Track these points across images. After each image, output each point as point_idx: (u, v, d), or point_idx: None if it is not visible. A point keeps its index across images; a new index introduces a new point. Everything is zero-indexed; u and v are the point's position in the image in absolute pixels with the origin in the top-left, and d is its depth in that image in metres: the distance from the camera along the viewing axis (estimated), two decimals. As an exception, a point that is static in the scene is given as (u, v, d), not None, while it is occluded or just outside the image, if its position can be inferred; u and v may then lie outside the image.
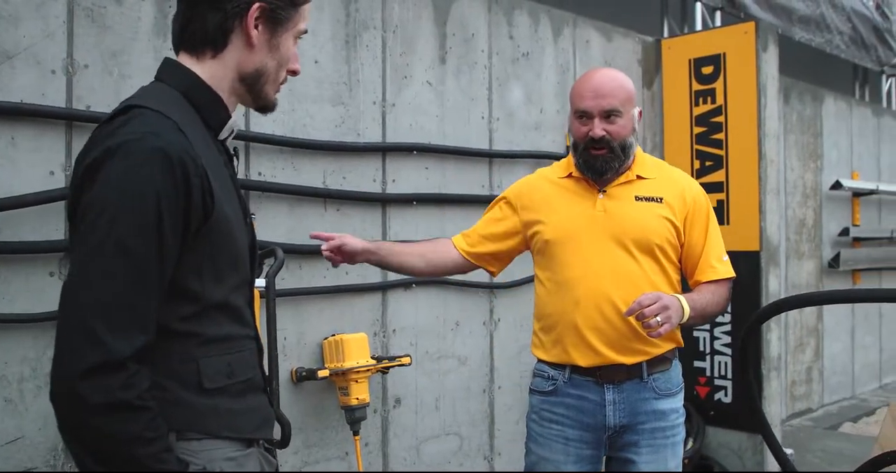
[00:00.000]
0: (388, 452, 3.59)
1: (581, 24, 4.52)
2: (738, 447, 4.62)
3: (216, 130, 1.45)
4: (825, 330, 6.49)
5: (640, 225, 2.25)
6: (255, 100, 1.49)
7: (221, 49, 1.41)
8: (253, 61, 1.43)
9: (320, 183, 3.34)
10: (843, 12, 7.14)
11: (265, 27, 1.42)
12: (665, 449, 2.27)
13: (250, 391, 1.43)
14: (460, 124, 3.86)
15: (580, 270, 2.25)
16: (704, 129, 4.74)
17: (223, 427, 1.35)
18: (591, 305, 2.23)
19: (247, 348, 1.44)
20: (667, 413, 2.28)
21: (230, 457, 1.35)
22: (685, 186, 2.36)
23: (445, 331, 3.79)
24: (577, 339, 2.24)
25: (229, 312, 1.40)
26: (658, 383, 2.27)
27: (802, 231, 6.23)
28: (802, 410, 6.29)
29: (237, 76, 1.43)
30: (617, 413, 2.24)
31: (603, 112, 2.25)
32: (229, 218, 1.37)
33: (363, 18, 3.49)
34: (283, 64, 1.47)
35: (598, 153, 2.25)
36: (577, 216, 2.29)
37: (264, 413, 1.47)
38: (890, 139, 7.50)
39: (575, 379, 2.27)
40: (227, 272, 1.38)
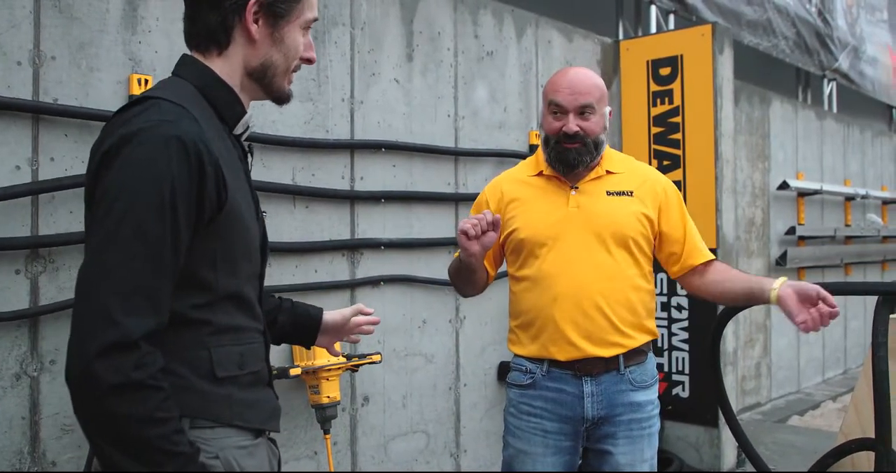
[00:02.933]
0: (357, 450, 3.57)
1: (543, 25, 4.57)
2: (696, 440, 4.73)
3: (231, 125, 1.46)
4: (772, 326, 6.67)
5: (614, 219, 2.29)
6: (267, 93, 1.51)
7: (226, 47, 1.43)
8: (257, 56, 1.44)
9: (289, 179, 3.31)
10: (787, 18, 7.35)
11: (266, 21, 1.43)
12: (642, 440, 2.32)
13: (259, 383, 1.45)
14: (427, 122, 3.86)
15: (557, 266, 2.28)
16: (662, 130, 4.83)
17: (235, 417, 1.36)
18: (569, 300, 2.25)
19: (256, 341, 1.45)
20: (643, 405, 2.32)
21: (242, 446, 1.36)
22: (654, 178, 2.41)
23: (412, 329, 3.79)
24: (556, 334, 2.27)
25: (241, 303, 1.41)
26: (634, 375, 2.31)
27: (752, 230, 6.39)
28: (752, 404, 6.45)
29: (244, 72, 1.45)
30: (595, 406, 2.28)
31: (578, 107, 2.28)
32: (242, 210, 1.38)
33: (332, 15, 3.47)
34: (291, 55, 1.48)
35: (571, 146, 2.28)
36: (551, 213, 2.32)
37: (272, 405, 1.48)
38: (832, 141, 7.75)
39: (553, 372, 2.30)
40: (240, 263, 1.39)
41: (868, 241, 8.13)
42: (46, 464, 2.56)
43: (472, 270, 2.32)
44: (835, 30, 8.20)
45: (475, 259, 2.20)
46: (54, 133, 2.61)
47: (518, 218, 2.35)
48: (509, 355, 2.46)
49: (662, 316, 4.83)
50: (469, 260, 2.22)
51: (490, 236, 2.14)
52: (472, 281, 2.39)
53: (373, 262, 3.61)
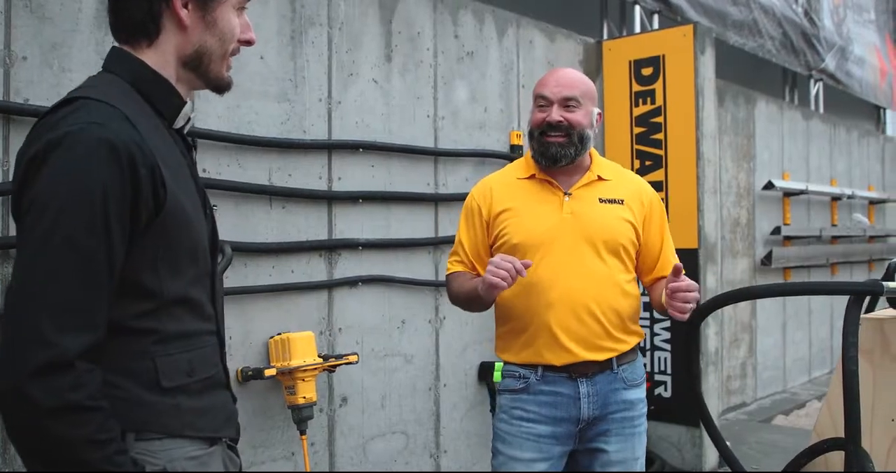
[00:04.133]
0: (335, 451, 3.56)
1: (525, 25, 4.57)
2: (678, 440, 4.73)
3: (170, 119, 1.40)
4: (758, 326, 6.68)
5: (607, 227, 2.31)
6: (206, 82, 1.44)
7: (155, 36, 1.36)
8: (191, 42, 1.38)
9: (266, 180, 3.30)
10: (774, 18, 7.36)
11: (195, 5, 1.37)
12: (633, 438, 2.35)
13: (212, 388, 1.40)
14: (406, 122, 3.86)
15: (551, 272, 2.27)
16: (644, 130, 4.83)
17: (185, 427, 1.32)
18: (564, 307, 2.26)
19: (208, 344, 1.41)
20: (635, 403, 2.35)
21: (192, 456, 1.32)
22: (642, 189, 2.44)
23: (391, 329, 3.79)
24: (551, 340, 2.27)
25: (189, 307, 1.36)
26: (626, 373, 2.34)
27: (737, 230, 6.40)
28: (738, 404, 6.46)
29: (178, 61, 1.39)
30: (591, 405, 2.28)
31: (562, 99, 2.30)
32: (185, 208, 1.33)
33: (309, 14, 3.46)
34: (227, 38, 1.41)
35: (554, 139, 2.28)
36: (545, 219, 2.31)
37: (228, 410, 1.45)
38: (818, 141, 7.76)
39: (548, 375, 2.30)
40: (185, 265, 1.34)
41: (854, 241, 8.16)
42: (18, 465, 2.55)
43: (490, 301, 2.29)
44: (821, 30, 8.22)
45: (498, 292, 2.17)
46: (25, 134, 2.58)
47: (511, 222, 2.34)
48: (490, 355, 2.47)
49: (644, 316, 4.83)
50: (491, 297, 2.21)
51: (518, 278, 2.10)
52: (486, 305, 2.36)
53: (351, 263, 3.61)
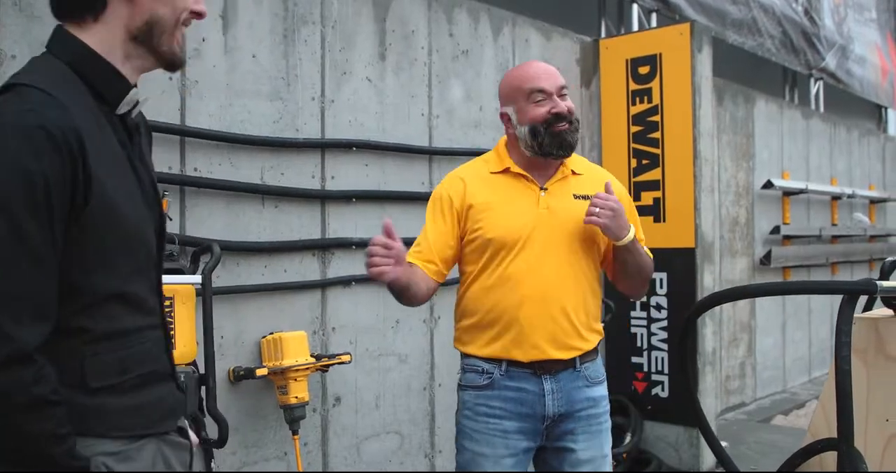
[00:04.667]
0: (328, 451, 3.55)
1: (521, 24, 4.55)
2: (675, 440, 4.71)
3: (113, 104, 1.33)
4: (757, 325, 6.66)
5: (581, 223, 2.27)
6: (158, 58, 1.37)
7: (102, 9, 1.30)
8: (141, 12, 1.31)
9: (258, 179, 3.29)
10: (773, 17, 7.34)
11: None
12: (600, 435, 2.33)
13: (151, 383, 1.37)
14: (400, 121, 3.85)
15: (526, 268, 2.25)
16: (641, 128, 4.81)
17: (109, 429, 1.29)
18: (537, 303, 2.24)
19: (148, 339, 1.37)
20: (598, 400, 2.33)
21: (112, 452, 1.29)
22: (611, 183, 2.39)
23: (385, 329, 3.77)
24: (520, 336, 2.25)
25: (126, 302, 1.32)
26: (588, 372, 2.32)
27: (736, 229, 6.38)
28: (737, 404, 6.44)
29: (127, 36, 1.32)
30: (556, 403, 2.26)
31: (559, 88, 2.28)
32: (115, 200, 1.28)
33: (302, 13, 3.45)
34: (179, 6, 1.35)
35: (564, 128, 2.25)
36: (521, 214, 2.28)
37: (169, 403, 1.41)
38: (818, 140, 7.74)
39: (512, 371, 2.27)
40: (119, 258, 1.30)
41: (855, 240, 8.13)
42: None
43: (405, 289, 2.18)
44: (822, 29, 8.20)
45: (398, 280, 2.08)
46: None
47: (486, 217, 2.29)
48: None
49: (641, 315, 4.82)
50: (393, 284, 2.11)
51: (397, 248, 2.02)
52: (412, 294, 2.23)
53: (344, 262, 3.59)
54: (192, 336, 2.59)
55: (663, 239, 4.72)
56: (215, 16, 3.16)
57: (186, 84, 3.07)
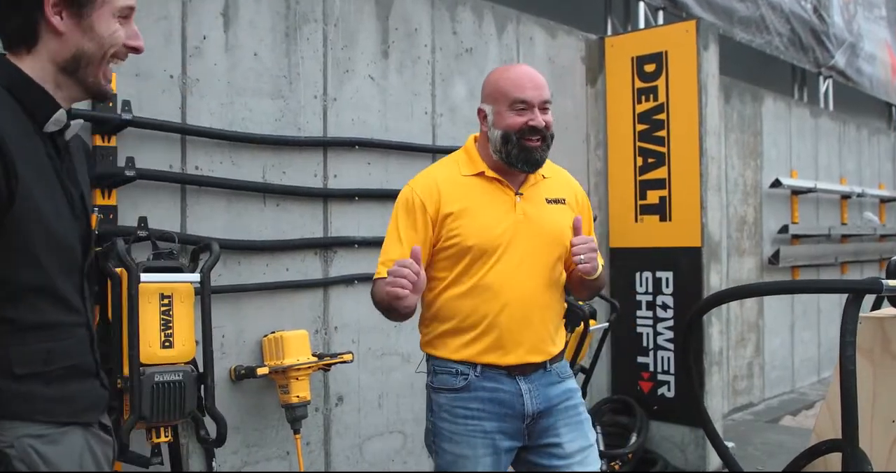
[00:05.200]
0: (331, 450, 3.54)
1: (525, 21, 4.53)
2: (681, 441, 4.68)
3: (41, 123, 1.44)
4: (765, 325, 6.61)
5: (556, 229, 2.28)
6: (84, 87, 1.48)
7: (34, 44, 1.43)
8: (67, 48, 1.43)
9: (259, 177, 3.28)
10: (782, 14, 7.29)
11: (69, 12, 1.42)
12: (582, 426, 2.33)
13: (75, 377, 1.46)
14: (403, 119, 3.83)
15: (506, 275, 2.22)
16: (647, 127, 4.78)
17: (36, 412, 1.39)
18: (517, 309, 2.22)
19: (73, 336, 1.46)
20: (573, 392, 2.35)
21: (40, 434, 1.38)
22: (575, 187, 2.44)
23: (388, 328, 3.76)
24: (498, 341, 2.22)
25: (52, 299, 1.42)
26: (558, 369, 2.34)
27: (743, 228, 6.34)
28: (744, 404, 6.40)
29: (56, 67, 1.44)
30: (534, 400, 2.25)
31: (542, 102, 2.24)
32: (39, 207, 1.38)
33: (304, 11, 3.44)
34: (106, 43, 1.45)
35: (535, 144, 2.22)
36: (499, 220, 2.24)
37: (92, 397, 1.49)
38: (827, 139, 7.68)
39: (487, 372, 2.24)
40: (45, 257, 1.40)
41: (865, 240, 8.07)
42: None
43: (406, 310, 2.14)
44: (831, 26, 8.14)
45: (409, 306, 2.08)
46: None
47: (463, 223, 2.24)
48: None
49: (647, 315, 4.79)
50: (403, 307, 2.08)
51: (423, 277, 2.01)
52: (406, 315, 2.20)
53: (347, 261, 3.58)
54: (191, 334, 2.58)
55: (669, 238, 4.70)
56: (216, 14, 3.15)
57: (187, 82, 3.07)
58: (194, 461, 3.06)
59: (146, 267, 2.50)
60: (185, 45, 3.07)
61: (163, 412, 2.43)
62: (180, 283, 2.57)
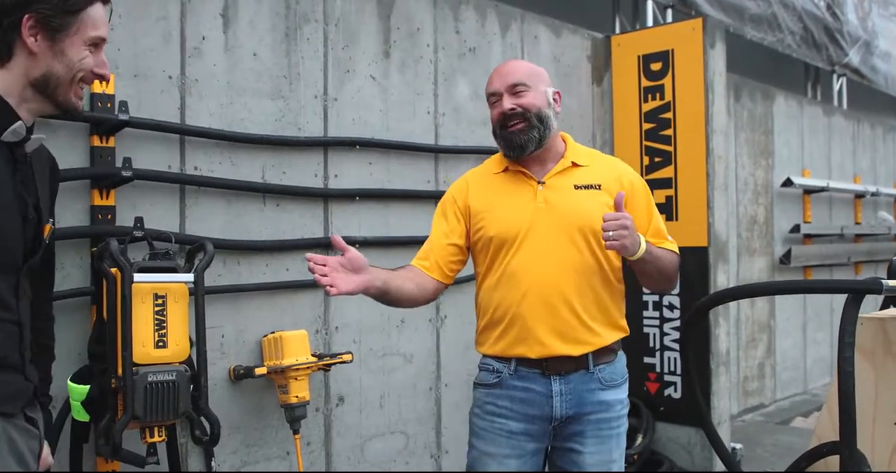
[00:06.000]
0: (332, 451, 3.54)
1: (529, 20, 4.50)
2: (688, 442, 4.64)
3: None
4: (777, 326, 6.55)
5: (582, 213, 2.24)
6: (53, 104, 1.60)
7: (7, 60, 1.55)
8: (39, 67, 1.56)
9: (259, 177, 3.28)
10: (794, 12, 7.22)
11: (44, 35, 1.55)
12: (610, 440, 2.27)
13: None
14: (405, 119, 3.82)
15: (526, 263, 2.23)
16: (653, 126, 4.75)
17: None
18: (537, 297, 2.21)
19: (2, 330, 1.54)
20: (612, 404, 2.27)
21: None
22: (622, 171, 2.35)
23: (390, 329, 3.75)
24: (525, 332, 2.22)
25: None
26: (604, 374, 2.26)
27: (754, 228, 6.28)
28: (755, 405, 6.34)
29: (27, 82, 1.56)
30: (564, 404, 2.22)
31: (509, 87, 2.26)
32: None
33: (304, 11, 3.44)
34: (75, 67, 1.58)
35: (514, 128, 2.24)
36: (519, 209, 2.26)
37: (14, 386, 1.56)
38: (840, 137, 7.60)
39: (521, 370, 2.24)
40: None
41: (880, 239, 7.98)
42: None
43: (384, 294, 2.12)
44: (845, 24, 8.05)
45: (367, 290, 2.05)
46: None
47: (486, 215, 2.30)
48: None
49: (654, 315, 4.75)
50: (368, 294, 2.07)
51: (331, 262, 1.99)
52: (394, 298, 2.17)
53: (347, 261, 3.57)
54: (185, 334, 2.58)
55: (676, 237, 4.54)
56: (215, 14, 3.15)
57: (186, 83, 3.07)
58: (193, 461, 3.06)
59: (140, 267, 2.51)
60: (184, 45, 3.07)
61: (156, 411, 2.44)
62: (174, 283, 2.57)
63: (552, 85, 2.34)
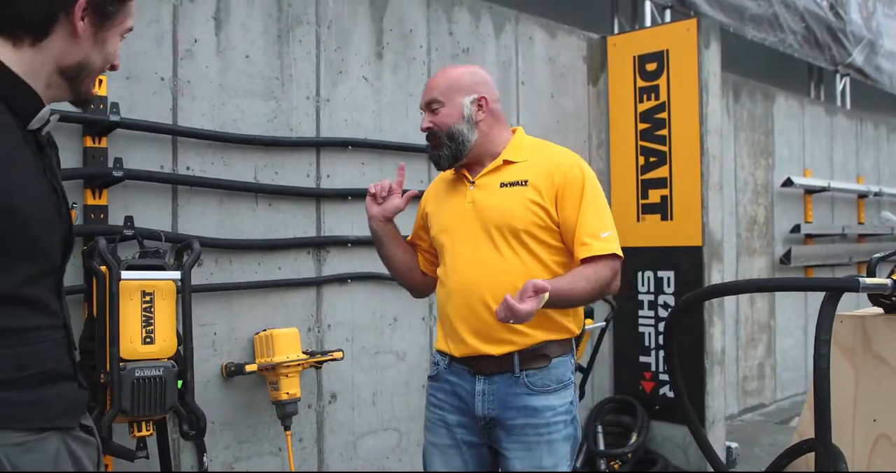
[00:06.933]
0: (324, 448, 3.58)
1: (524, 21, 4.54)
2: (683, 441, 4.66)
3: (25, 121, 1.40)
4: (777, 326, 6.56)
5: (503, 212, 2.23)
6: (75, 94, 1.47)
7: (42, 38, 1.38)
8: (77, 53, 1.41)
9: (251, 178, 3.33)
10: (796, 12, 7.21)
11: (92, 20, 1.41)
12: (539, 447, 2.22)
13: (51, 381, 1.41)
14: (398, 120, 3.86)
15: (451, 264, 2.29)
16: (648, 126, 4.77)
17: (10, 420, 1.33)
18: (460, 297, 2.26)
19: (49, 338, 1.42)
20: (540, 410, 2.21)
21: (18, 443, 1.33)
22: (553, 164, 2.26)
23: (383, 327, 3.79)
24: (451, 330, 2.29)
25: (24, 304, 1.37)
26: (532, 379, 2.21)
27: (754, 228, 6.29)
28: (755, 405, 6.35)
29: (56, 68, 1.42)
30: (485, 404, 2.23)
31: (426, 105, 2.31)
32: (20, 208, 1.34)
33: (296, 13, 3.48)
34: (108, 59, 1.46)
35: (430, 144, 2.32)
36: (451, 211, 2.33)
37: (69, 400, 1.45)
38: (843, 137, 7.59)
39: (454, 366, 2.30)
40: (18, 263, 1.36)
41: (883, 239, 7.96)
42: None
43: (380, 243, 2.42)
44: (848, 24, 8.03)
45: (375, 223, 2.37)
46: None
47: (433, 218, 2.39)
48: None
49: (649, 314, 4.77)
50: (371, 225, 2.39)
51: (393, 202, 2.34)
52: (391, 261, 2.46)
53: (340, 260, 3.62)
54: (172, 330, 2.63)
55: (670, 237, 4.68)
56: (208, 17, 3.20)
57: (178, 84, 3.12)
58: (185, 456, 3.12)
59: (128, 265, 2.56)
60: (177, 47, 3.12)
61: (143, 406, 2.49)
62: (162, 281, 2.62)
63: (477, 90, 2.29)
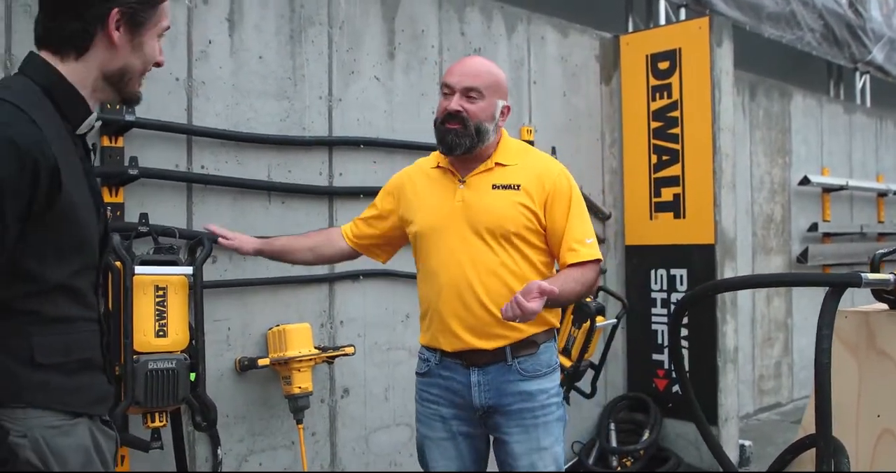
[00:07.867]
0: (337, 441, 3.64)
1: (536, 21, 4.57)
2: (696, 438, 4.66)
3: (75, 125, 1.53)
4: (794, 324, 6.53)
5: (495, 213, 2.30)
6: (123, 96, 1.60)
7: (84, 52, 1.50)
8: (118, 60, 1.53)
9: (265, 176, 3.39)
10: (814, 10, 7.18)
11: (126, 29, 1.52)
12: (536, 429, 2.33)
13: (87, 369, 1.52)
14: (410, 119, 3.91)
15: (441, 260, 2.33)
16: (661, 124, 4.79)
17: (51, 401, 1.44)
18: (452, 293, 2.31)
19: (87, 329, 1.53)
20: (534, 394, 2.33)
21: (53, 426, 1.43)
22: (543, 171, 2.36)
23: (395, 323, 3.84)
24: (442, 326, 2.33)
25: (71, 294, 1.48)
26: (524, 365, 2.32)
27: (770, 226, 6.27)
28: (772, 404, 6.33)
29: (101, 75, 1.53)
30: (482, 395, 2.31)
31: (464, 88, 2.30)
32: (76, 206, 1.45)
33: (308, 14, 3.55)
34: (148, 60, 1.58)
35: (452, 127, 2.29)
36: (439, 207, 2.36)
37: (99, 391, 1.56)
38: (862, 135, 7.54)
39: (445, 361, 2.37)
40: (69, 256, 1.47)
41: (904, 238, 7.89)
42: None
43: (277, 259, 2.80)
44: (868, 21, 7.98)
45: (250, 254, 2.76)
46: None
47: (413, 212, 2.42)
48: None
49: (662, 312, 4.79)
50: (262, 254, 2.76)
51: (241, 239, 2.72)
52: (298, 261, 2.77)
53: (352, 257, 3.67)
54: (185, 324, 2.70)
55: (683, 235, 4.70)
56: (221, 18, 3.27)
57: (193, 85, 3.19)
58: (200, 448, 3.18)
59: (142, 260, 2.63)
60: (191, 49, 3.19)
61: (156, 397, 2.56)
62: (174, 276, 2.69)
63: (506, 98, 2.38)
